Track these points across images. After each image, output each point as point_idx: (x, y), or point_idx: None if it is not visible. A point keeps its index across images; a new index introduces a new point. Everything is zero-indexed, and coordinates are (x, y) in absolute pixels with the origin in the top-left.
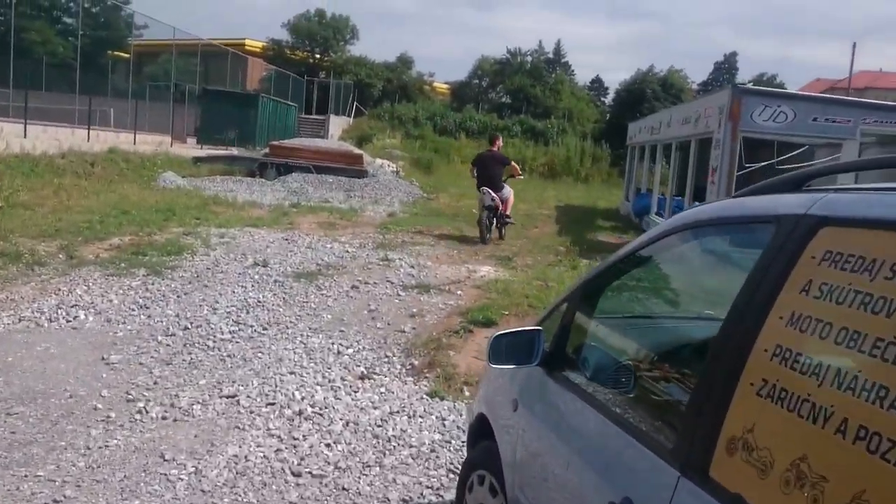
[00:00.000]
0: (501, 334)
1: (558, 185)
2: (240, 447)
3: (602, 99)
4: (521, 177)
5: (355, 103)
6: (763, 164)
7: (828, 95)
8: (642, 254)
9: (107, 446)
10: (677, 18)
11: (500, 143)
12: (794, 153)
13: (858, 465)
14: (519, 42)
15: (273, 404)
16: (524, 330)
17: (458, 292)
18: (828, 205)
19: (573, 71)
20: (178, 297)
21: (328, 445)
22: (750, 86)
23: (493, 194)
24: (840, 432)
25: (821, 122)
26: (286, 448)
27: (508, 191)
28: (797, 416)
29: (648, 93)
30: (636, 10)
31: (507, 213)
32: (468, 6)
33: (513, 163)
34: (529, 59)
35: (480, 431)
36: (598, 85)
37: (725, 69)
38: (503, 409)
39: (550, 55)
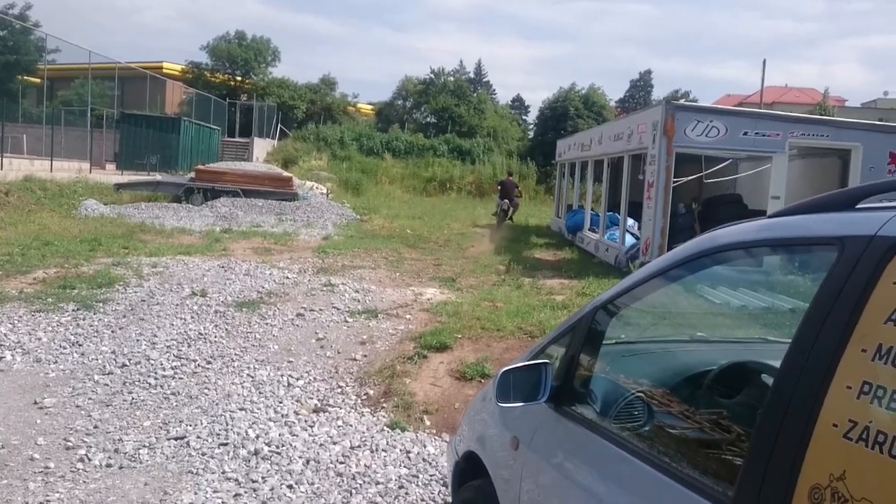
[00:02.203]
0: (508, 370)
1: (487, 202)
2: (195, 494)
3: (524, 117)
4: (520, 197)
5: (279, 125)
6: (690, 177)
7: (757, 110)
8: (664, 278)
9: (48, 501)
10: (589, 39)
11: (513, 175)
12: (718, 166)
13: None
14: (440, 62)
15: (226, 444)
16: (530, 364)
17: (407, 316)
18: None
19: (494, 90)
20: (112, 332)
21: (290, 487)
22: (683, 101)
23: (508, 203)
24: None
25: (751, 136)
26: (245, 492)
27: (517, 201)
28: None
29: (571, 110)
30: (549, 31)
31: (512, 215)
32: (384, 27)
33: (518, 187)
34: (452, 78)
35: (469, 470)
36: (518, 104)
37: (641, 86)
38: (499, 447)
39: (472, 75)
